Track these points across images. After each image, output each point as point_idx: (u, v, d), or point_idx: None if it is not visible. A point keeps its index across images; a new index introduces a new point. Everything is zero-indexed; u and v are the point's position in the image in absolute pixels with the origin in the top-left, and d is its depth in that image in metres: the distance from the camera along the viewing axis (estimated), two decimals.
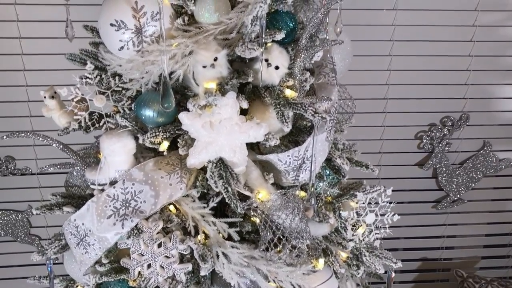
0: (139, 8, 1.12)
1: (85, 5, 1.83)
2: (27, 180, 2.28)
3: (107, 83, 1.25)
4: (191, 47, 1.12)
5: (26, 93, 2.14)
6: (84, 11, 1.74)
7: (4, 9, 2.01)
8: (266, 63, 1.13)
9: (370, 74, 2.27)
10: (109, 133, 1.16)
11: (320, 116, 1.09)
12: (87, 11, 1.78)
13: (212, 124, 1.09)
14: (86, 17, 1.65)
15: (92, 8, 1.83)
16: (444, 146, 2.41)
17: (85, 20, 1.39)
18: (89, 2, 1.82)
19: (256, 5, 1.07)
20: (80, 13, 1.64)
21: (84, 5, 1.85)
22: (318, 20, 1.14)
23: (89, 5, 1.82)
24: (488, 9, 2.24)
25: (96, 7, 1.47)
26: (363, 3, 2.14)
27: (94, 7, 1.82)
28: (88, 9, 1.80)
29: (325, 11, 1.13)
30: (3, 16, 2.03)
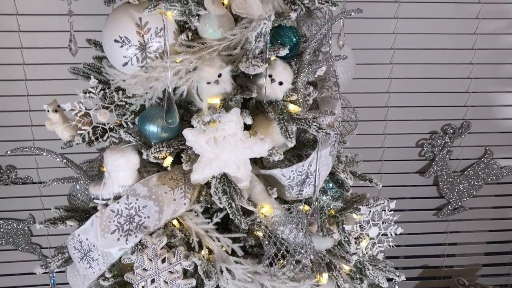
0: (143, 25, 1.12)
1: (88, 15, 1.84)
2: (28, 189, 2.28)
3: (110, 98, 1.25)
4: (195, 63, 1.12)
5: (28, 103, 2.14)
6: (86, 21, 1.74)
7: (6, 19, 2.01)
8: (269, 78, 1.13)
9: (371, 82, 2.28)
10: (113, 149, 1.16)
11: (324, 132, 1.09)
12: (90, 20, 1.77)
13: (216, 140, 1.08)
14: (89, 27, 1.66)
15: (95, 18, 1.84)
16: (445, 154, 2.42)
17: (88, 31, 1.40)
18: (92, 12, 1.83)
19: (260, 22, 1.08)
20: (82, 24, 1.64)
21: (87, 15, 1.86)
22: (322, 36, 1.14)
23: (93, 15, 1.83)
24: (489, 17, 2.25)
25: (98, 17, 1.49)
26: (364, 11, 2.13)
27: (97, 17, 1.85)
28: (91, 19, 1.80)
29: (328, 27, 1.13)
30: (5, 26, 2.02)
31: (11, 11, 2.02)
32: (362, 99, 2.24)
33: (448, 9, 2.21)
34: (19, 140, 2.17)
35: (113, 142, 1.26)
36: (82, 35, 1.33)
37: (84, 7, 1.39)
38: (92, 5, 1.67)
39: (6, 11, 2.01)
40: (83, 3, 1.32)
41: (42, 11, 2.02)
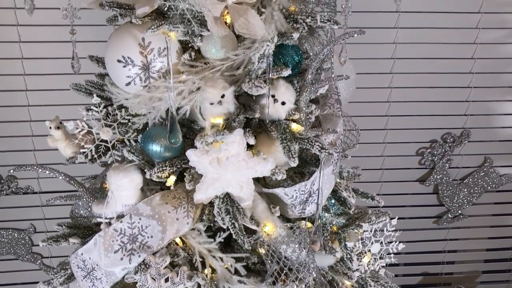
0: (146, 45, 1.12)
1: (90, 25, 1.83)
2: (29, 199, 2.28)
3: (113, 115, 1.25)
4: (198, 84, 1.12)
5: (28, 113, 2.14)
6: (88, 32, 1.74)
7: (7, 30, 2.01)
8: (272, 98, 1.14)
9: (372, 91, 2.28)
10: (116, 168, 1.16)
11: (327, 152, 1.10)
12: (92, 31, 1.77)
13: (220, 160, 1.09)
14: (90, 37, 1.66)
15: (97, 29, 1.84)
16: (445, 162, 2.42)
17: (90, 41, 1.40)
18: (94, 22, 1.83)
19: (263, 44, 1.08)
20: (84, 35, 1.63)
21: (88, 26, 1.85)
22: (324, 56, 1.15)
23: (94, 26, 1.82)
24: (488, 26, 2.25)
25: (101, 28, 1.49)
26: (364, 21, 2.14)
27: (99, 28, 1.84)
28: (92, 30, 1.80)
29: (331, 48, 1.13)
30: (5, 37, 2.03)
31: (11, 21, 2.02)
32: (363, 108, 2.25)
33: (448, 19, 2.22)
34: (20, 150, 2.17)
35: (116, 160, 1.26)
36: (84, 46, 1.33)
37: (86, 18, 1.40)
38: (94, 15, 1.67)
39: (7, 22, 2.01)
40: (84, 13, 1.34)
41: (43, 21, 2.02)
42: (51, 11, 1.95)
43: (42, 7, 1.85)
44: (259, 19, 1.11)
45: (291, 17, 1.20)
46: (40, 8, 1.86)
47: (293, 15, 1.21)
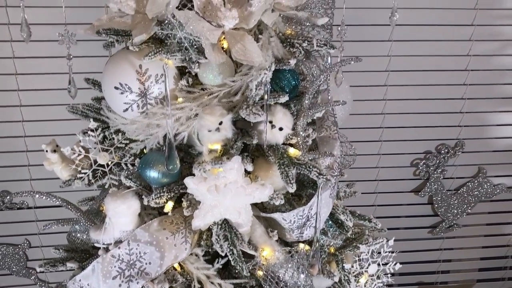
0: (144, 71, 1.12)
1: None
2: (24, 214, 2.27)
3: (110, 139, 1.25)
4: (195, 110, 1.12)
5: (23, 128, 2.13)
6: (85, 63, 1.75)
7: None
8: (270, 124, 1.14)
9: (366, 103, 2.29)
10: (113, 195, 1.16)
11: (325, 178, 1.10)
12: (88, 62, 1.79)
13: (218, 187, 1.09)
14: (87, 69, 1.66)
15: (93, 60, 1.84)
16: (440, 173, 2.43)
17: (86, 72, 1.40)
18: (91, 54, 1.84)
19: (261, 72, 1.08)
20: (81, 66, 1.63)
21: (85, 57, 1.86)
22: (320, 83, 1.15)
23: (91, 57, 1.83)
24: (482, 39, 2.27)
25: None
26: (359, 34, 2.15)
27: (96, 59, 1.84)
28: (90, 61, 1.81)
29: (327, 75, 1.14)
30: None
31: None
32: (358, 120, 2.26)
33: (441, 31, 2.23)
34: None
35: (113, 184, 1.26)
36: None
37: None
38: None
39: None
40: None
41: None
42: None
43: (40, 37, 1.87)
44: (256, 46, 1.12)
45: (287, 41, 1.21)
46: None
47: (289, 39, 1.21)
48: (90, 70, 1.56)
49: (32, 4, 1.91)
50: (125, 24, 1.19)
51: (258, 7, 1.12)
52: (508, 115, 2.42)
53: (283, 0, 1.22)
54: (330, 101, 1.31)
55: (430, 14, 2.20)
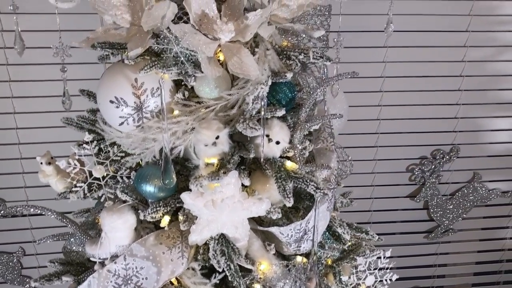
0: (139, 85, 1.11)
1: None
2: (18, 221, 2.25)
3: (106, 152, 1.24)
4: (191, 124, 1.11)
5: (17, 135, 2.11)
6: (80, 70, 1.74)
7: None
8: (267, 138, 1.13)
9: (362, 109, 2.29)
10: (109, 210, 1.15)
11: (322, 192, 1.10)
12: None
13: (215, 202, 1.08)
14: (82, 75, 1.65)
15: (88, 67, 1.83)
16: (435, 178, 2.44)
17: (82, 79, 1.39)
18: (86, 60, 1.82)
19: (258, 86, 1.08)
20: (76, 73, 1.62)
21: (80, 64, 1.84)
22: (317, 96, 1.15)
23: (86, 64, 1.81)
24: (476, 45, 2.27)
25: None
26: (354, 41, 2.15)
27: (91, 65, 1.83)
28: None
29: (324, 88, 1.13)
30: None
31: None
32: (353, 126, 2.25)
33: (436, 38, 2.24)
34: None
35: (108, 198, 1.25)
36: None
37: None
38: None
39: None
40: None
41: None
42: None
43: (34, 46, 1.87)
44: (252, 59, 1.11)
45: (284, 54, 1.20)
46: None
47: (286, 51, 1.21)
48: (85, 77, 1.57)
49: (26, 10, 1.89)
50: (120, 37, 1.18)
51: (255, 20, 1.11)
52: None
53: (279, 12, 1.22)
54: (327, 113, 1.30)
55: (425, 20, 2.21)
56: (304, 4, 1.23)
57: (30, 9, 1.91)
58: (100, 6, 1.16)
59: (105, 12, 1.16)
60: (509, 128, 2.44)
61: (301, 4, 1.23)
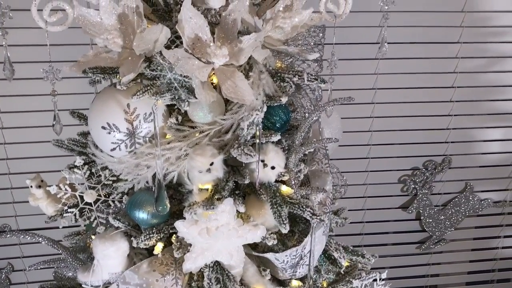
0: (132, 111, 1.09)
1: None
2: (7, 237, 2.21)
3: (97, 176, 1.22)
4: (185, 150, 1.10)
5: (5, 151, 2.08)
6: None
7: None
8: (262, 163, 1.12)
9: (354, 121, 2.28)
10: (101, 237, 1.13)
11: (319, 219, 1.08)
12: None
13: (209, 230, 1.07)
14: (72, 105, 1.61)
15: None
16: (427, 189, 2.44)
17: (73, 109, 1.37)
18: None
19: (252, 113, 1.06)
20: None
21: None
22: (312, 122, 1.13)
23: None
24: (468, 55, 2.27)
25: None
26: (346, 53, 2.15)
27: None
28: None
29: (318, 115, 1.12)
30: None
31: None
32: (345, 138, 2.23)
33: (428, 49, 2.23)
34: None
35: (100, 223, 1.22)
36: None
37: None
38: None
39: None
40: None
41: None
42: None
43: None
44: (246, 83, 1.10)
45: (277, 76, 1.19)
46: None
47: (279, 73, 1.19)
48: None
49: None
50: (111, 60, 1.16)
51: (249, 44, 1.10)
52: (495, 130, 2.43)
53: (273, 34, 1.21)
54: (322, 133, 1.29)
55: (416, 31, 2.20)
56: (298, 26, 1.23)
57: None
58: (91, 29, 1.14)
59: (96, 36, 1.14)
60: (500, 139, 2.44)
61: (295, 26, 1.22)
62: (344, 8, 1.26)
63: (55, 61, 1.13)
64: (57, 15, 1.11)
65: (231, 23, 1.12)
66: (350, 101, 1.11)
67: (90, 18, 1.13)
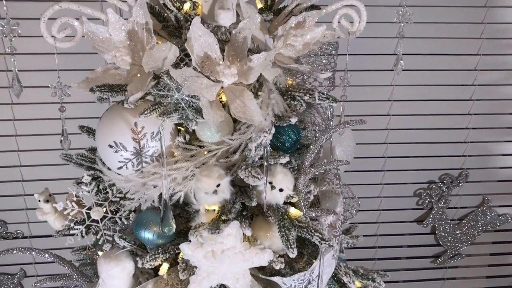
0: (139, 130, 1.08)
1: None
2: (19, 243, 2.22)
3: (105, 193, 1.21)
4: (192, 171, 1.08)
5: (18, 158, 2.09)
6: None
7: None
8: (270, 185, 1.09)
9: (369, 133, 2.25)
10: (107, 257, 1.12)
11: (327, 244, 1.06)
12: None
13: (215, 253, 1.04)
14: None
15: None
16: (443, 203, 2.39)
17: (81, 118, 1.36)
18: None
19: (260, 134, 1.04)
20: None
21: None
22: (323, 142, 1.11)
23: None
24: (487, 68, 2.22)
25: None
26: (362, 64, 2.12)
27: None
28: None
29: (329, 136, 1.10)
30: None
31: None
32: (360, 150, 2.20)
33: (446, 61, 2.19)
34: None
35: (107, 240, 1.21)
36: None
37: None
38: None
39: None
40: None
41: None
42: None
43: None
44: (255, 103, 1.07)
45: (288, 94, 1.17)
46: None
47: (290, 91, 1.17)
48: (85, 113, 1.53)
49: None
50: (120, 76, 1.15)
51: (259, 63, 1.08)
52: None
53: (284, 51, 1.18)
54: (333, 152, 1.27)
55: (435, 43, 2.16)
56: (310, 43, 1.20)
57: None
58: (101, 46, 1.13)
59: (105, 52, 1.12)
60: None
61: (307, 43, 1.20)
62: (358, 25, 1.22)
63: (69, 70, 1.12)
64: (66, 31, 1.11)
65: (241, 41, 1.10)
66: (361, 123, 1.08)
67: (99, 34, 1.12)
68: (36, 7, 1.86)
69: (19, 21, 1.11)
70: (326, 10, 1.21)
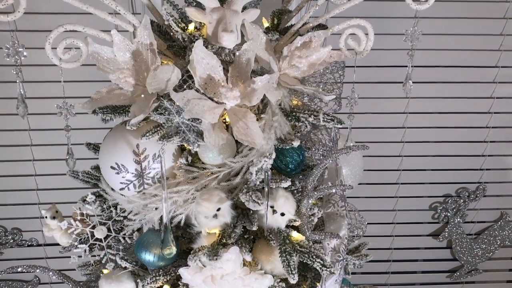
0: (141, 152, 1.08)
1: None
2: (34, 251, 2.26)
3: (109, 212, 1.21)
4: (192, 194, 1.07)
5: (33, 167, 2.12)
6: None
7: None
8: (271, 209, 1.08)
9: (384, 145, 2.21)
10: (108, 278, 1.12)
11: (329, 271, 1.04)
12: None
13: (214, 278, 1.04)
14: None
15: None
16: (460, 217, 2.34)
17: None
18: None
19: (261, 159, 1.03)
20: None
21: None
22: (325, 166, 1.09)
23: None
24: (506, 80, 2.17)
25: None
26: (378, 75, 2.09)
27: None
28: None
29: (335, 158, 1.08)
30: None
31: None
32: (375, 163, 2.18)
33: (464, 74, 2.14)
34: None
35: (110, 259, 1.22)
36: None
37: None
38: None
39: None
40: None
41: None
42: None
43: None
44: (257, 126, 1.06)
45: (292, 115, 1.15)
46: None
47: (295, 112, 1.16)
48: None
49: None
50: (124, 97, 1.15)
51: (262, 85, 1.07)
52: None
53: (289, 71, 1.17)
54: (339, 175, 1.25)
55: (453, 55, 2.11)
56: (316, 64, 1.19)
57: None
58: (105, 66, 1.13)
59: (110, 73, 1.13)
60: None
61: (312, 64, 1.18)
62: (365, 45, 1.20)
63: (87, 81, 1.11)
64: (71, 52, 1.11)
65: (245, 63, 1.09)
66: (364, 149, 1.05)
67: (104, 54, 1.13)
68: (50, 19, 1.87)
69: (32, 33, 1.11)
70: (332, 30, 1.19)
